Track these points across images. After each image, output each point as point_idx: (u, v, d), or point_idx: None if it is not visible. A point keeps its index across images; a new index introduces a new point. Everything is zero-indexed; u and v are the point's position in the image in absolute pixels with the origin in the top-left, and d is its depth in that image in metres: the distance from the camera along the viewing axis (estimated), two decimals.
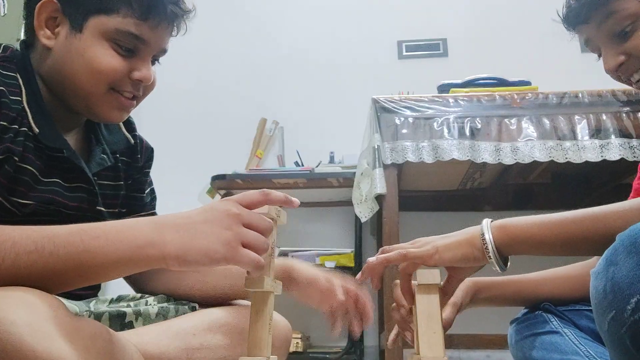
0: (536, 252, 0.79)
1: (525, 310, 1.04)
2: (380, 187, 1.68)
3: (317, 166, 2.31)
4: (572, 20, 0.87)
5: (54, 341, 0.50)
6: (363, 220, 1.83)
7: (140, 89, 0.83)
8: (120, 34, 0.78)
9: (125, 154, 0.94)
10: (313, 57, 2.71)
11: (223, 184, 2.20)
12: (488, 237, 0.75)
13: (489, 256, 0.74)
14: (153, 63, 0.86)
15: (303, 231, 2.43)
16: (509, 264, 0.78)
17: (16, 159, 0.73)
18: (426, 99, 1.77)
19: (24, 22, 0.84)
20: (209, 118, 2.65)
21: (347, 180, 2.09)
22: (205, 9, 2.79)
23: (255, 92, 2.68)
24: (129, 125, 0.96)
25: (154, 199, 1.01)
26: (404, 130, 1.71)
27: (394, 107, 1.75)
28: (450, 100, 1.76)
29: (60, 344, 0.51)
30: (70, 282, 0.61)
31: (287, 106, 2.63)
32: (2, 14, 2.19)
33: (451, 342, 2.20)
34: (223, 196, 2.28)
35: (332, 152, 2.42)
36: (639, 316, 0.54)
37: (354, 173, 1.95)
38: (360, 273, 0.83)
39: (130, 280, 0.93)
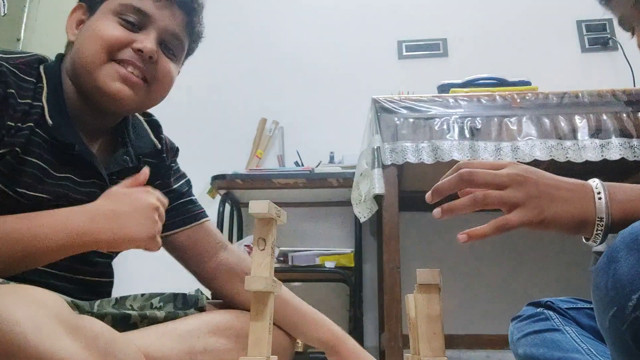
0: None
1: (527, 308, 1.04)
2: (379, 188, 1.68)
3: (317, 166, 2.31)
4: None
5: (57, 339, 0.50)
6: (362, 220, 1.83)
7: (143, 63, 0.83)
8: (124, 8, 0.82)
9: (150, 155, 0.97)
10: (313, 57, 2.71)
11: (223, 184, 2.20)
12: (607, 220, 0.65)
13: (596, 240, 0.66)
14: (168, 54, 0.88)
15: (303, 231, 2.43)
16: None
17: (19, 150, 0.75)
18: (426, 99, 1.77)
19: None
20: (209, 118, 2.65)
21: (347, 180, 2.10)
22: (205, 9, 2.79)
23: (255, 92, 2.68)
24: (157, 129, 1.00)
25: (188, 190, 1.05)
26: (404, 131, 1.71)
27: (394, 107, 1.75)
28: (450, 100, 1.76)
29: (63, 342, 0.51)
30: (17, 265, 0.66)
31: (287, 106, 2.63)
32: (2, 14, 2.19)
33: (451, 342, 2.21)
34: (223, 196, 2.28)
35: (332, 152, 2.42)
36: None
37: (354, 173, 1.95)
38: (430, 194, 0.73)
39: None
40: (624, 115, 1.65)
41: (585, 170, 1.69)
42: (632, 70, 2.36)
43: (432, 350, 0.61)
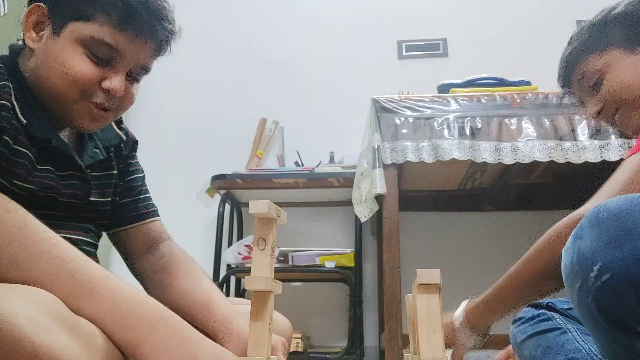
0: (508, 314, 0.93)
1: (529, 309, 1.04)
2: (380, 187, 1.68)
3: (317, 166, 2.31)
4: (562, 84, 1.09)
5: (54, 335, 0.50)
6: (363, 220, 1.83)
7: (110, 101, 0.81)
8: (94, 42, 0.77)
9: (116, 148, 0.97)
10: (313, 57, 2.71)
11: (223, 184, 2.20)
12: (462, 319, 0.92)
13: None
14: (133, 80, 0.85)
15: (303, 231, 2.43)
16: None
17: (10, 141, 0.74)
18: (426, 99, 1.77)
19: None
20: (209, 118, 2.65)
21: (347, 180, 2.10)
22: (205, 9, 2.80)
23: (255, 92, 2.68)
24: (118, 120, 0.97)
25: (142, 185, 1.01)
26: (404, 130, 1.71)
27: (394, 107, 1.75)
28: (450, 100, 1.76)
29: (60, 338, 0.51)
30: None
31: (287, 106, 2.63)
32: (2, 14, 2.19)
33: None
34: (223, 196, 2.28)
35: (332, 152, 2.42)
36: (601, 282, 0.57)
37: (354, 173, 1.95)
38: None
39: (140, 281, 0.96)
40: None
41: (585, 170, 1.70)
42: None
43: (432, 350, 0.61)
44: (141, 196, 1.00)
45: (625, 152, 1.61)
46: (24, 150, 0.76)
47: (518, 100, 1.73)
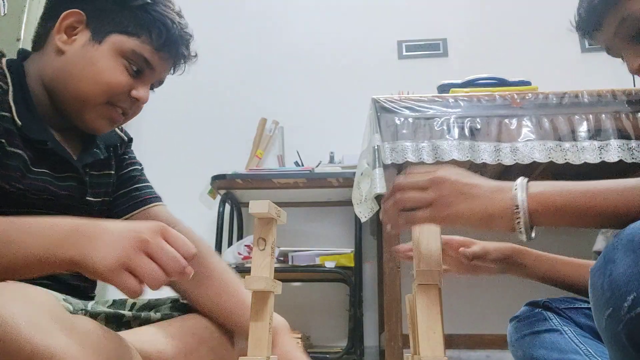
0: (570, 224, 0.70)
1: (525, 308, 1.04)
2: (380, 187, 1.68)
3: (317, 166, 2.31)
4: (586, 28, 0.90)
5: (51, 335, 0.51)
6: (363, 220, 1.83)
7: (132, 107, 0.89)
8: (134, 55, 0.85)
9: (115, 148, 0.98)
10: (313, 57, 2.71)
11: (223, 184, 2.20)
12: (523, 211, 0.66)
13: (521, 232, 0.67)
14: (152, 88, 0.93)
15: (303, 231, 2.43)
16: (533, 233, 0.69)
17: (4, 142, 0.75)
18: (426, 99, 1.77)
19: (38, 23, 0.88)
20: (209, 118, 2.65)
21: (347, 180, 2.10)
22: (205, 9, 2.80)
23: (255, 92, 2.68)
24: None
25: (140, 174, 1.01)
26: (404, 130, 1.71)
27: (394, 107, 1.75)
28: (450, 100, 1.76)
29: (57, 337, 0.51)
30: None
31: (287, 106, 2.63)
32: (2, 14, 2.19)
33: (451, 342, 2.21)
34: (223, 196, 2.29)
35: (332, 152, 2.42)
36: (635, 313, 0.54)
37: (354, 173, 1.95)
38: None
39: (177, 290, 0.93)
40: (624, 115, 1.65)
41: (584, 171, 1.70)
42: None
43: (432, 350, 0.61)
44: (139, 184, 1.00)
45: (625, 153, 1.61)
46: (18, 152, 0.77)
47: (518, 100, 1.73)
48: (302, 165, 2.38)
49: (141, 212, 0.96)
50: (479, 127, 1.69)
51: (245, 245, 2.12)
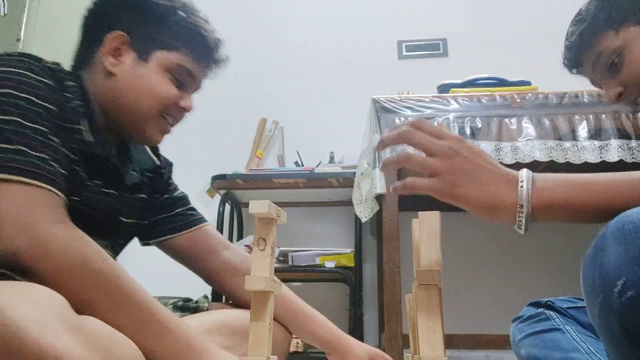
0: (572, 221, 0.70)
1: (528, 308, 1.04)
2: (380, 187, 1.68)
3: (317, 166, 2.31)
4: (571, 65, 1.00)
5: (59, 337, 0.51)
6: (363, 220, 1.83)
7: (180, 117, 0.95)
8: (179, 68, 0.91)
9: (151, 171, 1.02)
10: (313, 57, 2.71)
11: (223, 184, 2.20)
12: (526, 209, 0.66)
13: (520, 227, 0.67)
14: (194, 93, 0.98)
15: (303, 231, 2.43)
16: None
17: (74, 157, 0.79)
18: (426, 99, 1.77)
19: (77, 45, 0.92)
20: (209, 118, 2.65)
21: (347, 180, 2.10)
22: (205, 9, 2.80)
23: (255, 92, 2.68)
24: (154, 147, 1.06)
25: (184, 197, 1.09)
26: None
27: (394, 107, 1.75)
28: (450, 100, 1.76)
29: (64, 339, 0.52)
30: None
31: (287, 106, 2.63)
32: (2, 14, 2.20)
33: (451, 342, 2.21)
34: (223, 196, 2.28)
35: (332, 152, 2.42)
36: (625, 299, 0.54)
37: (354, 173, 1.95)
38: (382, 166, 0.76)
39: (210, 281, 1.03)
40: (623, 115, 1.65)
41: (585, 171, 1.70)
42: None
43: (432, 349, 0.61)
44: (191, 205, 1.07)
45: (625, 152, 1.61)
46: (77, 168, 0.80)
47: (518, 100, 1.73)
48: (302, 165, 2.38)
49: (196, 230, 1.03)
50: (479, 126, 1.69)
51: (245, 245, 2.12)
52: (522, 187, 0.66)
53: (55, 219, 0.66)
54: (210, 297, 1.76)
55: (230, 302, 1.06)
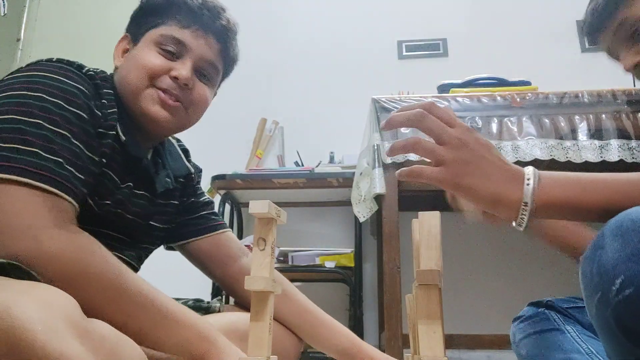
0: (574, 219, 0.70)
1: (528, 308, 1.04)
2: (380, 187, 1.68)
3: (317, 166, 2.31)
4: (590, 30, 0.97)
5: (66, 341, 0.51)
6: (361, 220, 1.83)
7: (179, 89, 0.89)
8: (164, 38, 0.89)
9: (184, 177, 1.04)
10: (313, 57, 2.71)
11: (223, 184, 2.20)
12: (530, 206, 0.65)
13: (520, 224, 0.67)
14: (202, 78, 0.93)
15: (303, 231, 2.43)
16: None
17: (104, 161, 0.80)
18: (426, 99, 1.77)
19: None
20: (209, 118, 2.64)
21: (347, 180, 2.10)
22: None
23: (255, 92, 2.68)
24: (186, 153, 1.09)
25: (210, 202, 1.11)
26: (404, 130, 1.71)
27: (394, 107, 1.75)
28: (450, 100, 1.76)
29: (71, 344, 0.52)
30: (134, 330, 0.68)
31: (287, 106, 2.63)
32: (2, 14, 2.20)
33: (451, 342, 2.21)
34: (223, 196, 2.28)
35: (332, 152, 2.42)
36: (623, 296, 0.54)
37: (354, 173, 1.95)
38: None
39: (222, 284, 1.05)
40: (624, 115, 1.65)
41: (585, 171, 1.69)
42: None
43: (432, 350, 0.61)
44: (214, 211, 1.09)
45: (625, 152, 1.61)
46: (111, 170, 0.82)
47: (518, 100, 1.73)
48: (302, 165, 2.38)
49: (217, 235, 1.04)
50: (479, 125, 1.69)
51: (245, 245, 2.12)
52: (528, 184, 0.66)
53: (57, 224, 0.66)
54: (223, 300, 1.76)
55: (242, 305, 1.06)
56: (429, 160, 0.70)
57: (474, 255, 2.35)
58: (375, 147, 1.72)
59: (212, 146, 2.60)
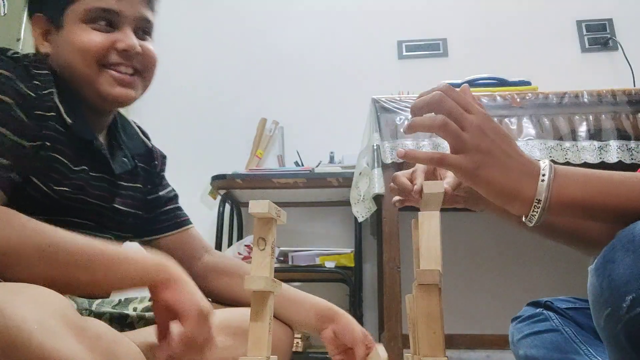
0: (588, 219, 0.67)
1: (527, 308, 1.04)
2: (379, 187, 1.68)
3: (317, 166, 2.31)
4: None
5: (62, 340, 0.51)
6: (360, 220, 1.83)
7: (132, 59, 0.85)
8: (91, 13, 0.82)
9: (143, 160, 0.99)
10: (313, 57, 2.71)
11: (223, 184, 2.20)
12: (544, 203, 0.63)
13: (531, 220, 0.65)
14: (144, 36, 0.88)
15: (303, 231, 2.43)
16: None
17: (48, 144, 0.76)
18: None
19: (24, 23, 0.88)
20: (209, 118, 2.65)
21: (346, 180, 2.10)
22: (205, 9, 2.80)
23: (255, 92, 2.68)
24: (141, 128, 1.02)
25: (175, 196, 1.06)
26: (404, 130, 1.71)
27: (394, 107, 1.75)
28: None
29: (68, 342, 0.51)
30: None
31: (287, 106, 2.63)
32: (2, 14, 2.20)
33: (451, 342, 2.21)
34: (223, 196, 2.28)
35: (332, 152, 2.42)
36: (634, 314, 0.53)
37: (354, 173, 1.95)
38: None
39: None
40: (624, 115, 1.65)
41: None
42: (632, 70, 2.36)
43: (432, 350, 0.61)
44: (178, 205, 1.05)
45: (624, 153, 1.61)
46: (61, 155, 0.78)
47: (518, 100, 1.73)
48: (302, 165, 2.38)
49: (182, 232, 1.01)
50: None
51: (245, 245, 2.12)
52: (543, 181, 0.63)
53: None
54: None
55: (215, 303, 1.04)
56: (424, 164, 0.68)
57: (473, 255, 2.35)
58: (375, 147, 1.72)
59: (212, 146, 2.60)
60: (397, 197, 0.88)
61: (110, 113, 0.91)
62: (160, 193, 1.02)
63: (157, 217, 1.00)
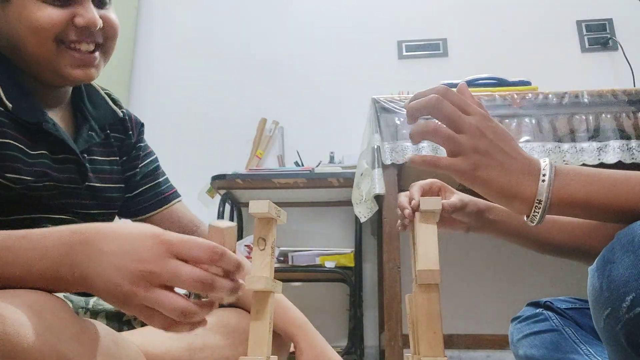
0: (589, 218, 0.66)
1: (527, 308, 1.04)
2: (379, 188, 1.68)
3: (317, 166, 2.31)
4: None
5: (62, 342, 0.50)
6: (362, 220, 1.83)
7: (93, 35, 0.79)
8: None
9: (117, 130, 0.93)
10: (313, 57, 2.71)
11: (223, 184, 2.20)
12: (545, 203, 0.62)
13: (533, 220, 0.64)
14: (102, 6, 0.81)
15: (303, 231, 2.43)
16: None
17: None
18: None
19: None
20: (209, 118, 2.65)
21: (347, 180, 2.10)
22: (205, 9, 2.80)
23: (255, 92, 2.68)
24: (115, 101, 0.94)
25: (156, 168, 1.00)
26: (404, 131, 1.71)
27: (394, 107, 1.75)
28: None
29: (68, 345, 0.51)
30: None
31: (287, 106, 2.63)
32: None
33: (451, 342, 2.21)
34: (223, 196, 2.28)
35: (332, 152, 2.42)
36: (633, 314, 0.54)
37: (354, 173, 1.95)
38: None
39: None
40: (624, 115, 1.65)
41: None
42: (632, 70, 2.36)
43: (432, 350, 0.61)
44: (160, 179, 0.99)
45: (624, 153, 1.61)
46: (13, 140, 0.73)
47: (518, 100, 1.73)
48: (302, 165, 2.38)
49: (165, 210, 0.95)
50: None
51: (245, 245, 2.12)
52: (543, 181, 0.63)
53: None
54: None
55: None
56: (421, 168, 0.68)
57: (473, 255, 2.35)
58: (375, 148, 1.72)
59: (212, 146, 2.60)
60: (399, 222, 0.88)
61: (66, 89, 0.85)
62: (139, 168, 0.95)
63: (136, 197, 0.94)
